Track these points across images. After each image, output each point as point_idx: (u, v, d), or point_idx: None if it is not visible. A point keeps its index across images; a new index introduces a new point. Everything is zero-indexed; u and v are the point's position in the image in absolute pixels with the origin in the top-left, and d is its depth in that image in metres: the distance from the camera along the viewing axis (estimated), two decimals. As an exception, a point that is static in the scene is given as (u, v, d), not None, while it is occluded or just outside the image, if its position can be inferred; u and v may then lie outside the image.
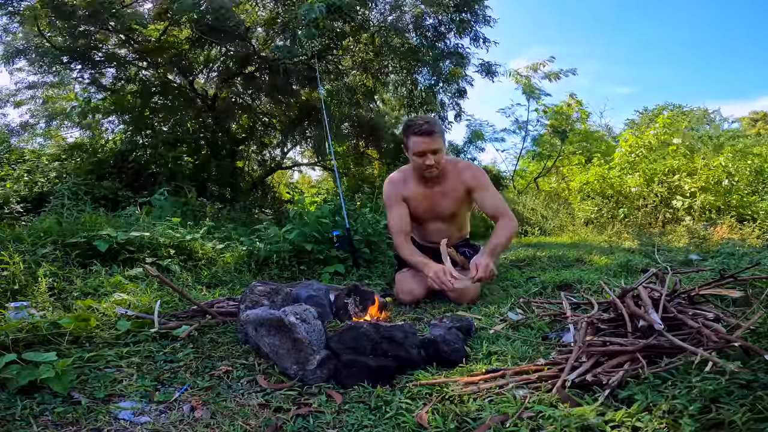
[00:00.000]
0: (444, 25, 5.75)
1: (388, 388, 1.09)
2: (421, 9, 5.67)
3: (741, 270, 1.58)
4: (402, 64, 6.14)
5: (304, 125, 7.39)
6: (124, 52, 6.34)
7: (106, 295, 1.86)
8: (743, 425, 0.73)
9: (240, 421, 0.96)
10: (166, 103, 6.95)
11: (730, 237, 4.08)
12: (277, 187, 8.99)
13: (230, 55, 6.47)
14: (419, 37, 5.78)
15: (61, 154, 6.87)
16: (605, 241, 4.45)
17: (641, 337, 1.11)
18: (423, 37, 5.75)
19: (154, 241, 2.71)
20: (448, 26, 5.74)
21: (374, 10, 5.71)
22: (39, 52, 5.56)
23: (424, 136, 1.99)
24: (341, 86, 6.45)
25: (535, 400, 0.93)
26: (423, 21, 5.75)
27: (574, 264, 2.93)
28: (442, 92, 6.43)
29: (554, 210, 6.53)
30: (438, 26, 5.77)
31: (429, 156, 2.01)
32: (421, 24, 5.75)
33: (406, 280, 2.10)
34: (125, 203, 4.69)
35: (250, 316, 1.26)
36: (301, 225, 2.94)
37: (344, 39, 5.67)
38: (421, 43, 5.72)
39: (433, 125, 2.00)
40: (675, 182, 5.51)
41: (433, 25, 5.78)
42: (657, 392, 0.87)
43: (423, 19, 5.75)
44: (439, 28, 5.77)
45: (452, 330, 1.31)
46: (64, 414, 0.97)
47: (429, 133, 1.99)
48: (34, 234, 2.63)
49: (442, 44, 5.83)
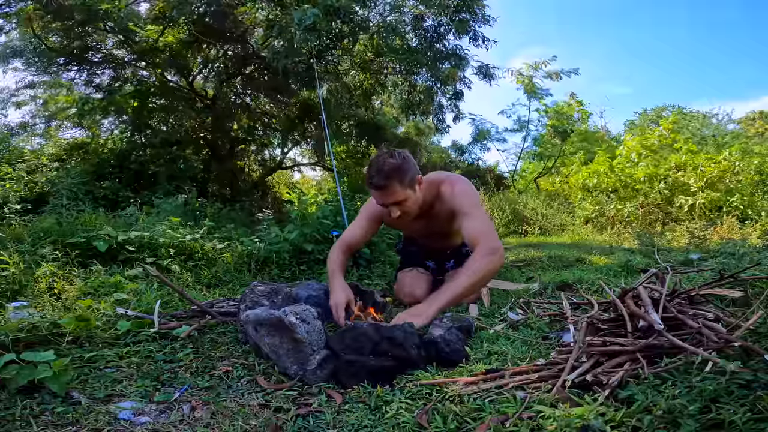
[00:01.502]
0: (443, 26, 5.76)
1: (388, 388, 1.09)
2: (421, 10, 5.67)
3: (740, 270, 1.58)
4: (401, 65, 6.15)
5: (304, 125, 7.40)
6: (122, 53, 6.35)
7: (106, 295, 1.86)
8: (743, 425, 0.73)
9: (240, 421, 0.96)
10: (165, 104, 6.95)
11: (730, 237, 4.08)
12: (277, 187, 8.99)
13: (229, 56, 6.48)
14: (418, 38, 5.78)
15: (62, 154, 6.88)
16: (605, 241, 4.45)
17: (641, 337, 1.11)
18: (422, 39, 5.75)
19: (154, 241, 2.71)
20: (447, 27, 5.75)
21: (373, 10, 5.71)
22: (36, 53, 5.57)
23: (377, 190, 1.73)
24: (340, 87, 6.46)
25: (535, 400, 0.93)
26: (422, 22, 5.76)
27: (574, 264, 2.93)
28: (440, 94, 6.43)
29: (554, 209, 6.53)
30: (437, 27, 5.78)
31: (392, 208, 1.76)
32: (420, 25, 5.76)
33: (407, 280, 2.09)
34: (125, 203, 4.70)
35: (250, 316, 1.26)
36: (301, 225, 2.94)
37: (343, 40, 5.68)
38: (420, 44, 5.73)
39: (383, 177, 1.69)
40: (679, 178, 5.52)
41: (432, 26, 5.79)
42: (657, 392, 0.87)
43: (422, 20, 5.75)
44: (438, 29, 5.78)
45: (452, 330, 1.31)
46: (64, 414, 0.97)
47: (379, 188, 1.71)
48: (34, 234, 2.63)
49: (441, 45, 5.84)
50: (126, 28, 5.47)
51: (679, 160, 5.67)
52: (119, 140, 6.99)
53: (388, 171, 1.69)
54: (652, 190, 5.63)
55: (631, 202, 5.71)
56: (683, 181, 5.47)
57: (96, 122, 7.22)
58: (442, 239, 2.15)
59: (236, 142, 7.69)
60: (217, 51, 6.47)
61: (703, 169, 5.38)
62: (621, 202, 5.79)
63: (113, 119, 7.10)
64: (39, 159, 6.49)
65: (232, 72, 6.72)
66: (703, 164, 5.42)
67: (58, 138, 7.63)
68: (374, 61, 6.34)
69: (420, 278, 2.10)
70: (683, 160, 5.64)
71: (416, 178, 1.78)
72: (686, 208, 5.21)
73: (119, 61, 6.26)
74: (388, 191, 1.71)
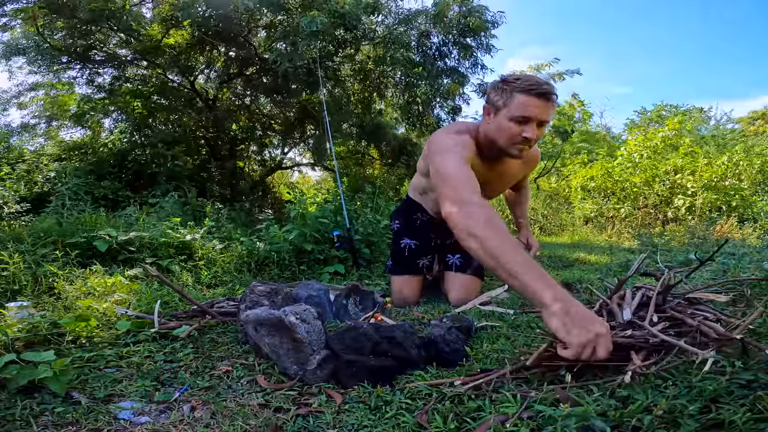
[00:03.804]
0: (447, 46, 5.80)
1: (388, 388, 1.09)
2: (428, 28, 5.71)
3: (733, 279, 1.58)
4: (402, 77, 6.19)
5: (304, 126, 7.40)
6: (124, 52, 6.35)
7: (106, 295, 1.86)
8: (743, 425, 0.73)
9: (240, 421, 0.96)
10: (166, 103, 6.96)
11: (730, 237, 4.08)
12: (277, 187, 8.99)
13: (231, 57, 6.49)
14: (420, 54, 5.83)
15: (61, 154, 6.88)
16: (605, 241, 4.45)
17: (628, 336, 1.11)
18: (424, 55, 5.80)
19: (154, 241, 2.72)
20: (450, 48, 5.79)
21: (381, 24, 5.75)
22: (38, 51, 5.57)
23: (541, 99, 1.44)
24: (341, 93, 6.47)
25: (535, 400, 0.93)
26: (428, 39, 5.80)
27: (574, 264, 2.93)
28: (438, 107, 6.47)
29: (554, 209, 6.53)
30: (441, 46, 5.82)
31: (533, 127, 1.47)
32: (425, 42, 5.80)
33: (397, 285, 2.08)
34: (125, 203, 4.70)
35: (250, 316, 1.26)
36: (301, 225, 2.94)
37: (346, 47, 5.70)
38: (423, 60, 5.77)
39: (554, 89, 1.47)
40: (678, 180, 5.52)
41: (437, 44, 5.83)
42: (657, 392, 0.87)
43: (428, 37, 5.78)
44: (442, 48, 5.82)
45: (452, 330, 1.31)
46: (64, 414, 0.97)
47: (548, 97, 1.44)
48: (34, 234, 2.63)
49: (443, 63, 5.89)
50: (130, 27, 5.48)
51: (676, 163, 5.67)
52: (119, 140, 6.99)
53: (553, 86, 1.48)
54: (651, 192, 5.63)
55: (630, 204, 5.72)
56: (681, 183, 5.47)
57: (96, 122, 7.23)
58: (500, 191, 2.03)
59: (236, 142, 7.69)
60: (219, 52, 6.47)
61: (702, 172, 5.38)
62: (619, 203, 5.79)
63: (114, 119, 7.11)
64: (39, 159, 6.49)
65: (234, 73, 6.73)
66: (702, 168, 5.43)
67: (59, 137, 7.64)
68: (375, 70, 6.36)
69: (411, 282, 2.08)
70: (681, 164, 5.65)
71: None
72: (684, 210, 5.21)
73: (121, 61, 6.26)
74: (551, 105, 1.47)
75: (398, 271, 2.12)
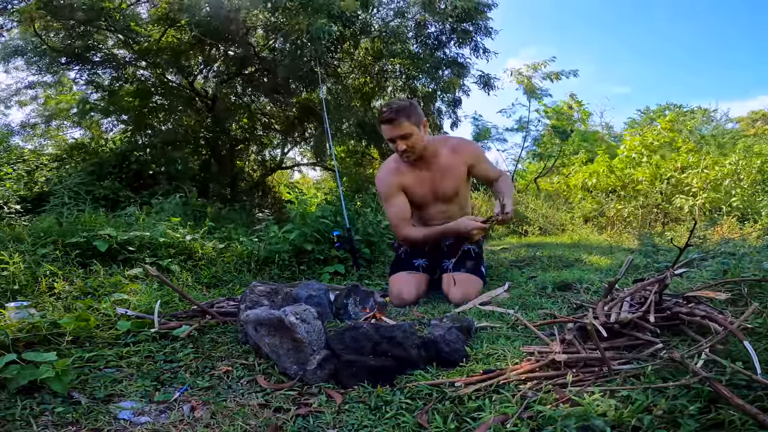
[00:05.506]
0: (445, 35, 5.78)
1: (388, 388, 1.09)
2: (424, 17, 5.69)
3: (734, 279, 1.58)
4: (401, 70, 6.18)
5: (304, 126, 7.39)
6: (123, 53, 6.35)
7: (106, 295, 1.86)
8: (743, 425, 0.73)
9: (240, 421, 0.96)
10: (165, 103, 6.95)
11: (730, 237, 4.07)
12: (277, 187, 8.99)
13: (230, 57, 6.48)
14: (419, 45, 5.81)
15: (61, 154, 6.88)
16: (605, 241, 4.45)
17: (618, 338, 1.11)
18: (423, 45, 5.78)
19: (154, 241, 2.71)
20: (449, 36, 5.77)
21: (376, 16, 5.74)
22: (37, 52, 5.57)
23: (387, 124, 1.98)
24: (340, 90, 6.47)
25: (535, 400, 0.93)
26: (425, 29, 5.78)
27: (574, 264, 2.93)
28: (439, 100, 6.45)
29: (554, 209, 6.54)
30: (439, 35, 5.80)
31: (398, 142, 2.00)
32: (422, 32, 5.78)
33: (396, 284, 2.11)
34: (125, 203, 4.70)
35: (250, 316, 1.26)
36: (301, 225, 2.93)
37: (344, 43, 5.70)
38: (421, 50, 5.75)
39: (394, 112, 1.96)
40: (681, 179, 5.52)
41: (434, 33, 5.81)
42: (657, 392, 0.87)
43: (425, 27, 5.77)
44: (440, 37, 5.80)
45: (452, 330, 1.31)
46: (64, 414, 0.97)
47: (389, 121, 1.97)
48: (34, 234, 2.63)
49: (442, 53, 5.86)
50: (128, 27, 5.47)
51: (685, 161, 5.67)
52: (119, 140, 6.99)
53: (397, 107, 1.98)
54: (652, 190, 5.63)
55: (631, 202, 5.71)
56: (686, 182, 5.47)
57: (96, 122, 7.23)
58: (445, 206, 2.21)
59: (236, 142, 7.69)
60: (217, 52, 6.47)
61: (707, 171, 5.37)
62: (621, 202, 5.79)
63: (113, 119, 7.10)
64: (39, 159, 6.49)
65: (233, 72, 6.73)
66: (708, 167, 5.42)
67: (59, 136, 7.64)
68: (374, 64, 6.35)
69: (409, 281, 2.10)
70: (689, 162, 5.64)
71: (422, 120, 2.04)
72: (686, 209, 5.21)
73: (120, 61, 6.25)
74: (395, 124, 1.97)
75: (395, 270, 2.23)
